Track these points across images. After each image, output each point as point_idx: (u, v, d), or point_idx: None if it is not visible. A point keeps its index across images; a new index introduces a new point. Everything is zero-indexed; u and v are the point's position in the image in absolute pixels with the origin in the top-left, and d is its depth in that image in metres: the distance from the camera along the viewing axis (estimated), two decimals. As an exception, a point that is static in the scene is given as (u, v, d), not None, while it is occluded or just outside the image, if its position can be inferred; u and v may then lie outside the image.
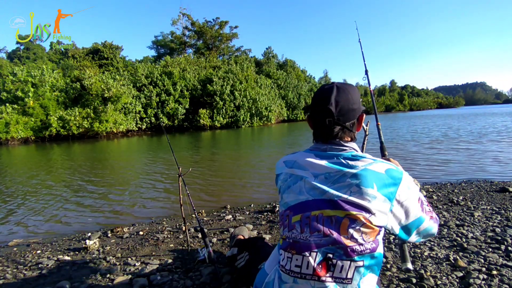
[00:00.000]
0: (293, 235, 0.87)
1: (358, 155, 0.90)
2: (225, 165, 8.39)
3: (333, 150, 0.92)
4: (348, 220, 0.81)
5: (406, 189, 0.85)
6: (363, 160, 0.86)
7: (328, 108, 0.89)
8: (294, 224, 0.87)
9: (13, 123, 22.42)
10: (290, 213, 0.89)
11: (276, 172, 1.04)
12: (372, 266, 0.84)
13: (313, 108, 0.96)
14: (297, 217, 0.87)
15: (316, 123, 0.96)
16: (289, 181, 0.93)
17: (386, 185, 0.83)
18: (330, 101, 0.89)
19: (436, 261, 1.94)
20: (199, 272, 1.98)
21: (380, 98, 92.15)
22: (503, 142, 9.48)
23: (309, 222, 0.84)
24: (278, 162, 1.04)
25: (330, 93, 0.90)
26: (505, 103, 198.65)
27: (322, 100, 0.91)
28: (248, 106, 35.00)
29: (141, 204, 4.60)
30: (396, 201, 0.84)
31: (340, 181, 0.84)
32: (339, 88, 0.92)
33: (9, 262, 2.50)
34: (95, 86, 25.74)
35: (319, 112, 0.92)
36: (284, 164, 0.99)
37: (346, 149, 0.92)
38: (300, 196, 0.87)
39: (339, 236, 0.81)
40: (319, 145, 0.95)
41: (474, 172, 5.44)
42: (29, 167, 9.80)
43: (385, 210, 0.83)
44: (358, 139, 1.07)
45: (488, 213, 2.92)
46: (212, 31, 52.78)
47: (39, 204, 4.85)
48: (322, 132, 0.94)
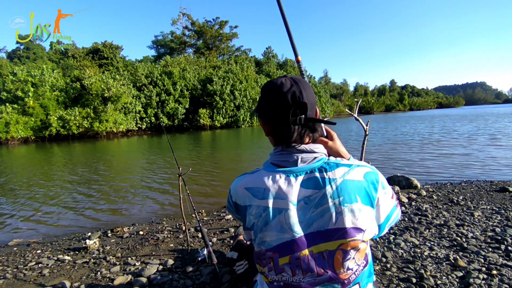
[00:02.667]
0: (283, 278, 0.77)
1: (331, 162, 0.78)
2: (225, 164, 8.39)
3: (304, 161, 0.78)
4: (341, 252, 0.73)
5: (383, 189, 0.79)
6: (340, 169, 0.76)
7: (303, 103, 0.76)
8: (283, 267, 0.76)
9: (13, 122, 22.42)
10: (275, 254, 0.77)
11: (238, 201, 0.83)
12: (368, 278, 0.81)
13: (275, 107, 0.78)
14: (285, 259, 0.76)
15: (279, 125, 0.79)
16: (264, 217, 0.76)
17: (367, 193, 0.76)
18: (303, 94, 0.76)
19: (436, 261, 1.94)
20: (199, 271, 1.98)
21: (380, 98, 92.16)
22: (503, 142, 9.48)
23: (300, 264, 0.74)
24: (236, 187, 0.84)
25: (296, 86, 0.77)
26: (505, 103, 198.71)
27: (284, 96, 0.76)
28: (248, 106, 35.00)
29: (141, 203, 4.60)
30: (377, 205, 0.78)
31: (322, 203, 0.73)
32: (299, 80, 0.79)
33: (9, 262, 2.50)
34: (95, 86, 25.74)
35: (282, 109, 0.77)
36: (249, 192, 0.80)
37: (317, 156, 0.79)
38: (284, 235, 0.75)
39: (334, 273, 0.74)
40: (285, 156, 0.80)
41: (474, 172, 5.45)
42: (29, 167, 9.80)
43: (371, 219, 0.77)
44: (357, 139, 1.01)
45: (488, 213, 2.92)
46: (212, 30, 52.79)
47: (39, 204, 4.85)
48: (287, 135, 0.79)
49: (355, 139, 12.53)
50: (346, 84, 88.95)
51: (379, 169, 0.84)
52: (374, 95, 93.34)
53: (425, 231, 2.49)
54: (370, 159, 7.35)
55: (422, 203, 3.43)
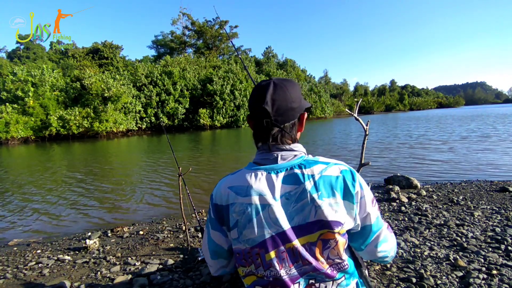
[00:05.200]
0: (272, 273, 0.79)
1: (309, 160, 0.83)
2: (225, 164, 8.39)
3: (284, 159, 0.82)
4: (321, 243, 0.78)
5: (360, 186, 0.82)
6: (318, 166, 0.80)
7: (263, 108, 0.79)
8: (270, 262, 0.78)
9: (13, 122, 22.42)
10: (261, 250, 0.79)
11: (221, 202, 0.85)
12: (352, 273, 0.83)
13: (250, 107, 0.85)
14: (271, 254, 0.78)
15: (255, 124, 0.86)
16: (248, 213, 0.79)
17: (345, 188, 0.79)
18: (266, 99, 0.79)
19: (436, 261, 1.94)
20: (199, 271, 1.98)
21: (380, 97, 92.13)
22: (504, 142, 9.48)
23: (285, 257, 0.78)
24: (220, 188, 0.86)
25: (265, 91, 0.81)
26: (505, 103, 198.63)
27: (258, 99, 0.81)
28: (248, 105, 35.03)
29: (141, 203, 4.60)
30: (357, 202, 0.81)
31: (302, 198, 0.77)
32: (276, 84, 0.82)
33: (9, 262, 2.50)
34: (95, 85, 25.73)
35: (256, 112, 0.83)
36: (231, 190, 0.83)
37: (297, 154, 0.83)
38: (268, 230, 0.78)
39: (317, 262, 0.78)
40: (266, 154, 0.84)
41: (474, 172, 5.45)
42: (29, 167, 9.80)
43: (350, 213, 0.80)
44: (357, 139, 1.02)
45: (488, 213, 2.92)
46: (212, 30, 52.75)
47: (39, 204, 4.85)
48: (262, 134, 0.84)
49: (355, 139, 12.55)
50: (346, 84, 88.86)
51: (379, 170, 0.87)
52: (374, 95, 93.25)
53: (425, 231, 2.49)
54: (371, 159, 7.35)
55: (422, 203, 3.43)
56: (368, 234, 0.86)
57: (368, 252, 0.90)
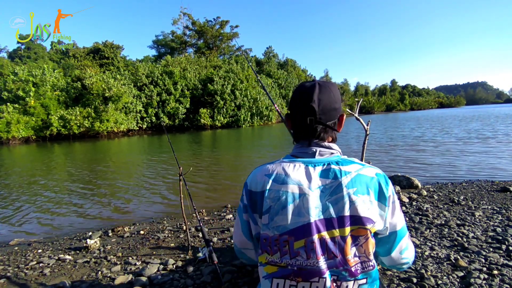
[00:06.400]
0: (297, 262, 0.80)
1: (346, 159, 0.86)
2: (226, 164, 8.39)
3: (321, 154, 0.86)
4: (351, 238, 0.79)
5: (393, 192, 0.85)
6: (354, 165, 0.83)
7: (311, 106, 0.84)
8: (298, 251, 0.80)
9: (14, 122, 22.44)
10: (290, 238, 0.80)
11: (255, 188, 0.87)
12: (374, 279, 0.83)
13: (293, 106, 0.91)
14: (300, 242, 0.79)
15: (296, 123, 0.90)
16: (282, 200, 0.81)
17: (379, 189, 0.82)
18: (313, 98, 0.85)
19: (437, 261, 1.93)
20: (199, 271, 1.98)
21: (381, 97, 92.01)
22: (504, 142, 9.46)
23: (314, 247, 0.78)
24: (256, 175, 0.89)
25: (312, 91, 0.86)
26: (506, 103, 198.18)
27: (304, 98, 0.86)
28: (248, 105, 34.98)
29: (142, 203, 4.60)
30: (389, 205, 0.83)
31: (338, 192, 0.79)
32: (321, 86, 0.88)
33: (10, 261, 2.50)
34: (96, 85, 25.74)
35: (300, 110, 0.88)
36: (268, 177, 0.85)
37: (334, 152, 0.88)
38: (301, 218, 0.79)
39: (344, 257, 0.78)
40: (305, 149, 0.89)
41: (475, 172, 5.43)
42: (30, 166, 9.82)
43: (382, 214, 0.82)
44: (357, 139, 1.04)
45: (489, 213, 2.92)
46: (212, 30, 52.72)
47: (40, 204, 4.86)
48: (304, 132, 0.89)
49: (355, 139, 12.54)
50: (347, 84, 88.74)
51: (380, 169, 0.88)
52: (375, 95, 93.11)
53: (426, 231, 2.49)
54: (371, 159, 7.34)
55: (423, 203, 3.42)
56: (394, 239, 0.89)
57: (392, 258, 0.93)
